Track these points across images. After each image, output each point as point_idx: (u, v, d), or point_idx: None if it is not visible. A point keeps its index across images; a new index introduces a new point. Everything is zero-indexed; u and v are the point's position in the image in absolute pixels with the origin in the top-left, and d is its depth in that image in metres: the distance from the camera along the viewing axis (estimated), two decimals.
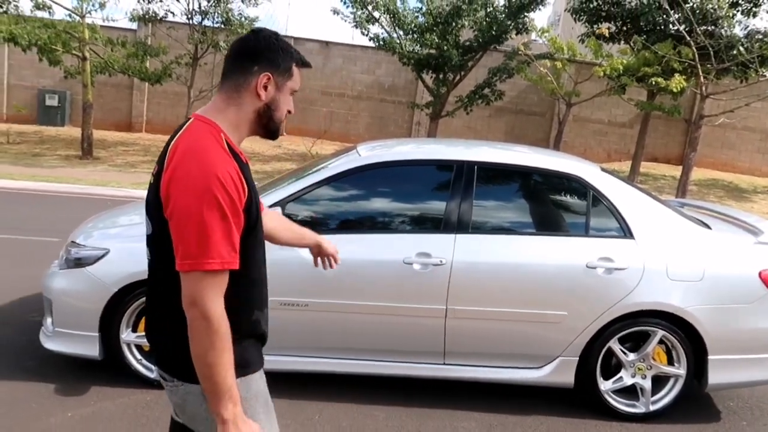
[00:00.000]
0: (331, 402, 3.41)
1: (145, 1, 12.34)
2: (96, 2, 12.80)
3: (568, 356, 3.40)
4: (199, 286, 1.36)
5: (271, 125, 1.55)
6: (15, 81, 16.68)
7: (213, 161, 1.38)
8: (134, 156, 13.80)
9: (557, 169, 3.54)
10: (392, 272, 3.31)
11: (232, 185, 1.38)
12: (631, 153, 15.42)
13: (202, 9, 12.39)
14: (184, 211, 1.36)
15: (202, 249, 1.35)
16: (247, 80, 1.49)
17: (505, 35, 12.68)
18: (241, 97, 1.50)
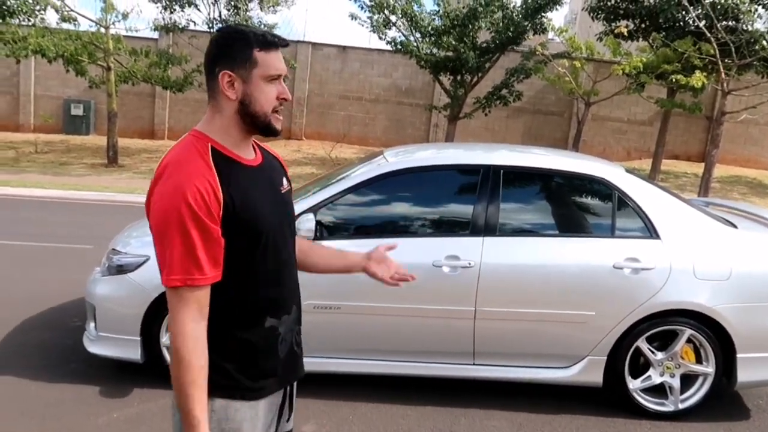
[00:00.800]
0: (364, 402, 3.50)
1: (167, 11, 12.56)
2: (119, 13, 13.10)
3: (596, 356, 3.45)
4: (171, 304, 1.37)
5: (257, 121, 1.48)
6: (41, 92, 17.11)
7: (182, 178, 1.36)
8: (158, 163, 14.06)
9: (582, 171, 3.60)
10: (422, 275, 3.35)
11: (200, 200, 1.35)
12: (651, 151, 15.34)
13: (223, 17, 12.59)
14: (153, 228, 1.40)
15: (165, 265, 1.37)
16: (215, 84, 1.46)
17: (522, 36, 12.72)
18: (218, 102, 1.47)
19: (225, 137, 1.48)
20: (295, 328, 1.67)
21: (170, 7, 12.54)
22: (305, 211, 3.40)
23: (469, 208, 3.50)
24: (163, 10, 12.59)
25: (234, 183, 1.43)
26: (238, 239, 1.43)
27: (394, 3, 12.66)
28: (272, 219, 1.52)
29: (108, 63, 12.95)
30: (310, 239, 3.31)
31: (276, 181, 1.61)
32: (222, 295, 1.44)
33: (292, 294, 1.65)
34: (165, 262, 1.37)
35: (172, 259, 1.36)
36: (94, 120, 17.10)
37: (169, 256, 1.36)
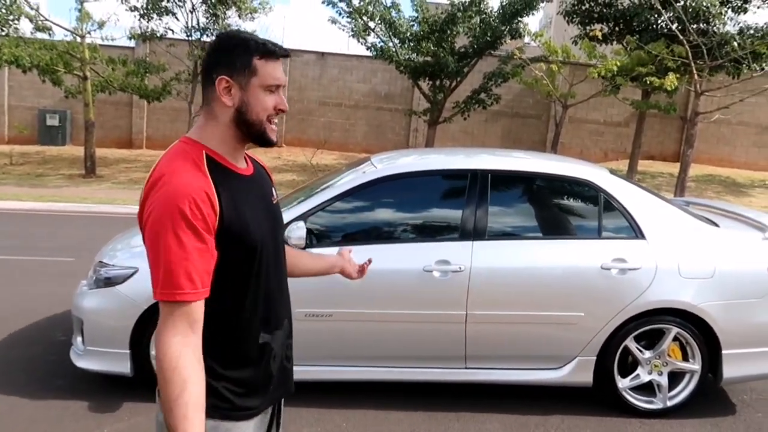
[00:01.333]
0: (357, 409, 3.50)
1: (144, 19, 12.44)
2: (95, 22, 12.94)
3: (586, 356, 3.50)
4: (161, 317, 1.31)
5: (252, 130, 1.44)
6: (15, 102, 16.80)
7: (177, 186, 1.32)
8: (137, 173, 13.89)
9: (568, 174, 3.66)
10: (413, 280, 3.41)
11: (195, 209, 1.31)
12: (628, 152, 15.58)
13: (201, 25, 12.51)
14: (146, 239, 1.34)
15: (157, 278, 1.32)
16: (211, 90, 1.42)
17: (499, 40, 12.85)
18: (213, 109, 1.43)
19: (219, 145, 1.44)
20: (287, 342, 1.63)
21: (147, 16, 12.41)
22: (295, 219, 3.40)
23: (458, 213, 3.53)
24: (141, 18, 12.44)
25: (229, 193, 1.39)
26: (232, 251, 1.39)
27: (373, 9, 12.71)
28: (265, 230, 1.48)
29: (84, 72, 12.78)
30: (301, 247, 3.31)
31: (267, 192, 1.58)
32: (215, 310, 1.39)
33: (285, 307, 1.61)
34: (157, 275, 1.31)
35: (165, 271, 1.30)
36: (70, 130, 16.84)
37: (162, 269, 1.30)
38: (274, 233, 1.54)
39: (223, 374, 1.44)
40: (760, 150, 17.70)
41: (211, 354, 1.40)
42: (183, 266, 1.30)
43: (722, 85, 12.57)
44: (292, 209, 3.54)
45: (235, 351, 1.46)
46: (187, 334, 1.31)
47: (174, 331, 1.29)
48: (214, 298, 1.38)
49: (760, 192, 14.81)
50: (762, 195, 14.49)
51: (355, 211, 3.59)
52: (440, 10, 12.92)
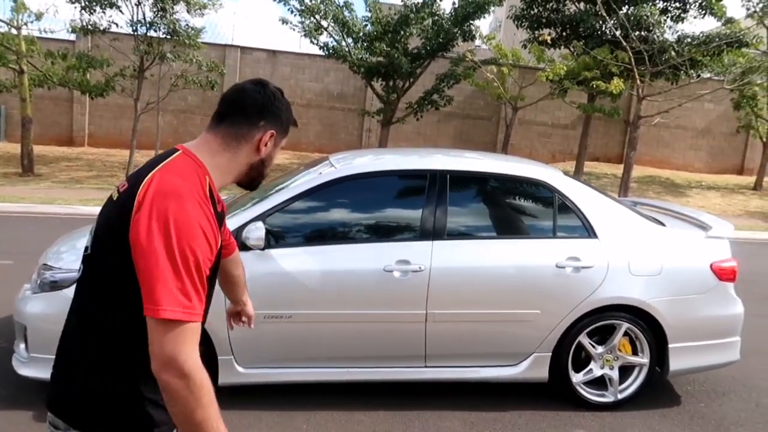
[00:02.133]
0: (318, 410, 3.47)
1: (86, 11, 11.95)
2: (32, 13, 12.34)
3: (541, 352, 3.58)
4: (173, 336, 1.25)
5: (258, 179, 1.54)
6: None
7: (193, 210, 1.30)
8: (78, 171, 13.34)
9: (524, 175, 3.73)
10: (373, 280, 3.40)
11: (205, 239, 1.31)
12: (574, 153, 16.08)
13: (148, 20, 12.12)
14: (158, 250, 1.26)
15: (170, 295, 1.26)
16: (251, 133, 1.45)
17: (451, 42, 13.01)
18: (239, 147, 1.45)
19: (220, 176, 1.45)
20: None
21: (90, 8, 11.91)
22: (253, 219, 3.34)
23: (417, 213, 3.55)
24: (82, 10, 11.93)
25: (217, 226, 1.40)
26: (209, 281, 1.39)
27: (325, 8, 12.63)
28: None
29: (20, 66, 12.16)
30: (260, 248, 3.26)
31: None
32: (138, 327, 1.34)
33: None
34: (169, 291, 1.25)
35: (181, 290, 1.26)
36: (5, 126, 16.00)
37: (178, 286, 1.25)
38: None
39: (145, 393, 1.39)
40: (696, 153, 18.60)
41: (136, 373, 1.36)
42: (197, 288, 1.28)
43: (662, 91, 13.14)
44: (250, 209, 3.47)
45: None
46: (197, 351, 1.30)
47: (191, 349, 1.27)
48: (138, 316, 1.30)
49: (696, 192, 15.55)
50: (698, 195, 15.23)
51: (314, 211, 3.56)
52: (393, 11, 12.98)
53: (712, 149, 18.66)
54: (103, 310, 1.36)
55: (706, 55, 12.74)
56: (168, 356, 1.24)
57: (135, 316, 1.29)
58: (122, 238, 1.30)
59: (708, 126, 18.51)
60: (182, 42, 12.30)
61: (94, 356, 1.38)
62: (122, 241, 1.30)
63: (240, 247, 3.27)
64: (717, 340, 3.74)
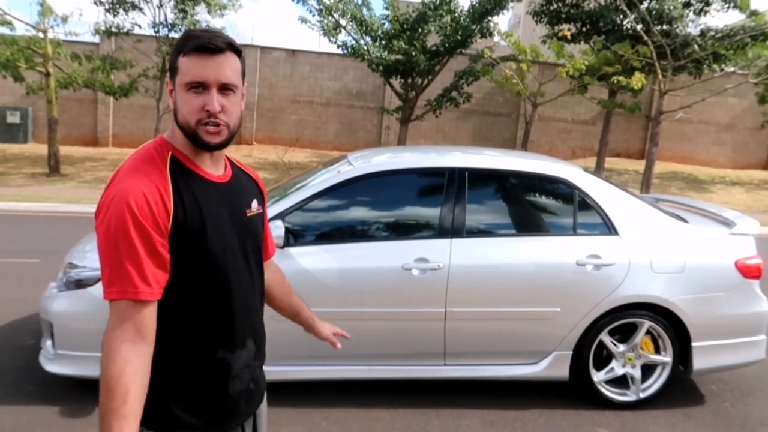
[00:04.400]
0: (337, 408, 3.49)
1: (110, 14, 12.14)
2: (58, 17, 12.57)
3: (562, 351, 3.56)
4: (111, 321, 1.25)
5: (185, 133, 1.35)
6: None
7: (129, 184, 1.28)
8: (103, 171, 13.56)
9: (544, 172, 3.71)
10: (392, 278, 3.41)
11: (145, 208, 1.26)
12: (595, 149, 15.90)
13: (169, 21, 12.28)
14: (98, 237, 1.28)
15: (105, 277, 1.26)
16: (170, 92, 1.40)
17: (470, 39, 12.95)
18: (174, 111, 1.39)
19: (184, 147, 1.39)
20: (254, 364, 1.54)
21: (113, 11, 12.09)
22: (273, 218, 3.37)
23: (436, 211, 3.55)
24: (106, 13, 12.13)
25: (189, 195, 1.34)
26: (186, 256, 1.33)
27: (344, 7, 12.66)
28: (229, 240, 1.41)
29: (47, 68, 12.41)
30: (279, 247, 3.28)
31: (242, 202, 1.49)
32: (166, 318, 1.32)
33: (252, 327, 1.51)
34: (110, 273, 1.25)
35: (113, 269, 1.24)
36: (32, 128, 16.33)
37: (110, 267, 1.25)
38: (240, 244, 1.45)
39: (173, 388, 1.36)
40: (720, 148, 18.26)
41: (162, 365, 1.32)
42: (135, 264, 1.25)
43: (685, 85, 12.92)
44: (269, 208, 3.50)
45: (186, 365, 1.37)
46: (137, 341, 1.24)
47: (124, 336, 1.23)
48: (168, 305, 1.31)
49: (720, 188, 15.27)
50: (722, 191, 14.95)
51: (333, 209, 3.58)
52: (411, 9, 12.95)
53: (736, 144, 18.31)
54: None
55: (729, 48, 12.49)
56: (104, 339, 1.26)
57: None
58: None
59: (732, 121, 18.15)
60: None
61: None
62: None
63: None
64: (742, 339, 3.67)
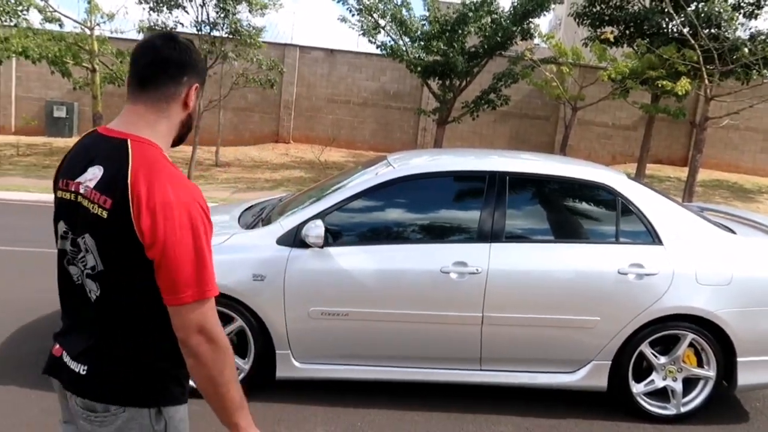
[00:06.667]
0: (372, 409, 3.50)
1: (154, 12, 12.44)
2: (104, 15, 12.93)
3: (601, 360, 3.49)
4: (204, 314, 1.36)
5: (187, 133, 1.53)
6: (23, 93, 16.81)
7: (190, 189, 1.38)
8: None
9: (586, 178, 3.65)
10: (430, 281, 3.41)
11: (206, 211, 1.40)
12: (635, 155, 15.55)
13: (211, 20, 12.50)
14: (177, 245, 1.32)
15: (202, 278, 1.35)
16: (178, 91, 1.45)
17: (510, 41, 12.82)
18: (170, 108, 1.45)
19: (164, 144, 1.46)
20: None
21: (157, 9, 12.39)
22: (313, 217, 3.40)
23: (475, 215, 3.53)
24: (150, 11, 12.43)
25: None
26: None
27: (384, 7, 12.69)
28: None
29: (93, 65, 12.78)
30: (320, 246, 3.31)
31: None
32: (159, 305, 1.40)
33: None
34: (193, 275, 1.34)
35: (205, 269, 1.36)
36: (77, 122, 16.83)
37: (200, 268, 1.35)
38: None
39: (180, 362, 1.45)
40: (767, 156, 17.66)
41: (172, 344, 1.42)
42: (212, 265, 1.39)
43: (732, 91, 12.53)
44: (309, 207, 3.54)
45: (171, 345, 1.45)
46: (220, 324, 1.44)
47: (218, 322, 1.40)
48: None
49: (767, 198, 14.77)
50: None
51: (372, 210, 3.59)
52: (452, 10, 12.89)
53: None
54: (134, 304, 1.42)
55: None
56: (201, 325, 1.36)
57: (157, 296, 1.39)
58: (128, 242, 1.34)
59: None
60: (243, 41, 12.62)
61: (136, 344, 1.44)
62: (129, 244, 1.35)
63: (298, 245, 3.37)
64: None
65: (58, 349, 1.52)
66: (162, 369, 1.46)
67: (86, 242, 1.40)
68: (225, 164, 14.58)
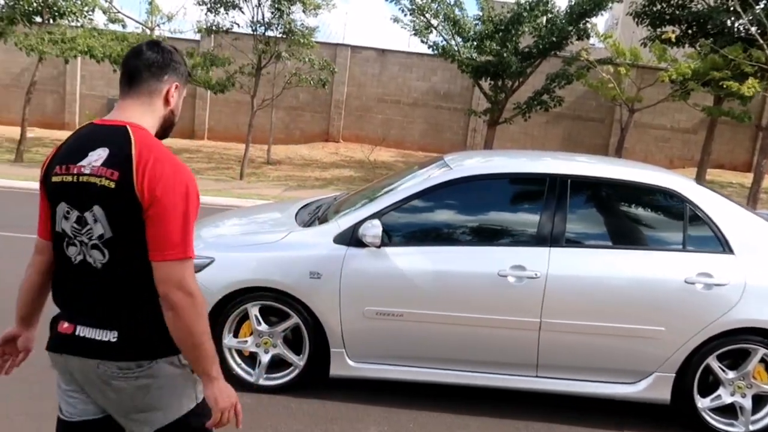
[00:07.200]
0: (424, 411, 3.47)
1: (211, 12, 12.74)
2: (164, 15, 13.34)
3: (664, 372, 3.36)
4: (184, 272, 1.54)
5: (169, 129, 1.75)
6: (86, 91, 17.55)
7: (183, 165, 1.60)
8: (198, 163, 14.27)
9: (652, 183, 3.52)
10: (486, 284, 3.35)
11: (197, 190, 1.61)
12: (694, 159, 14.98)
13: (266, 20, 12.72)
14: (170, 209, 1.53)
15: (186, 240, 1.54)
16: (160, 87, 1.68)
17: (565, 41, 12.55)
18: (153, 103, 1.67)
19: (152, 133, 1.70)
20: None
21: (215, 10, 12.69)
22: (370, 217, 3.39)
23: (534, 218, 3.45)
24: (208, 12, 12.75)
25: None
26: None
27: (437, 7, 12.62)
28: None
29: None
30: (377, 246, 3.31)
31: None
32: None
33: None
34: (181, 237, 1.53)
35: (189, 234, 1.56)
36: None
37: (186, 232, 1.55)
38: None
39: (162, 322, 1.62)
40: None
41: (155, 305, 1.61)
42: (193, 232, 1.59)
43: None
44: (366, 206, 3.54)
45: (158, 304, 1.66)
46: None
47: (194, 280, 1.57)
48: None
49: None
50: None
51: (430, 211, 3.56)
52: (506, 9, 12.71)
53: None
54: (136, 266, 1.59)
55: None
56: (180, 281, 1.53)
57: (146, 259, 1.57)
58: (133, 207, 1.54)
59: None
60: (297, 41, 12.79)
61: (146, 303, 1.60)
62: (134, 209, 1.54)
63: (355, 244, 3.37)
64: None
65: (67, 327, 1.62)
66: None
67: (95, 213, 1.57)
68: (276, 162, 14.82)
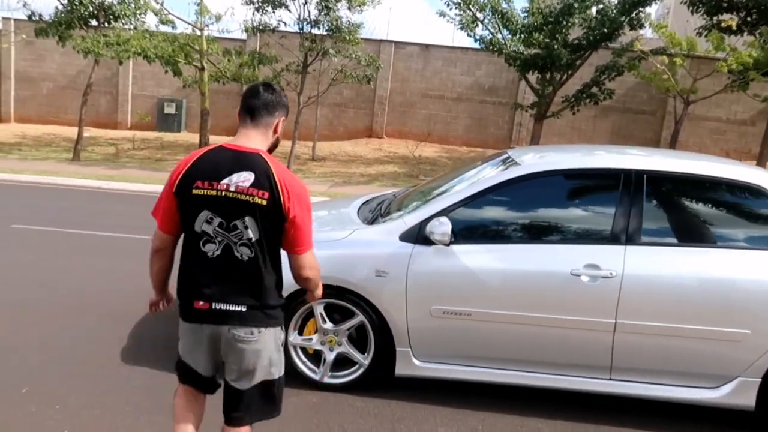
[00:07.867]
0: (493, 413, 3.40)
1: (258, 12, 12.87)
2: (213, 16, 13.54)
3: (748, 377, 3.19)
4: (313, 257, 2.25)
5: (273, 149, 2.26)
6: (138, 91, 18.02)
7: (301, 181, 2.19)
8: None
9: (735, 178, 3.34)
10: (559, 284, 3.25)
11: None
12: (752, 153, 14.37)
13: (313, 18, 12.77)
14: (306, 218, 2.15)
15: (311, 237, 2.21)
16: (272, 121, 2.20)
17: (617, 32, 12.19)
18: (268, 132, 2.20)
19: None
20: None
21: (262, 9, 12.82)
22: (437, 214, 3.33)
23: (609, 215, 3.32)
24: (255, 11, 12.88)
25: None
26: None
27: (483, 0, 12.43)
28: None
29: (202, 63, 13.43)
30: (446, 244, 3.24)
31: None
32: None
33: None
34: (309, 237, 2.20)
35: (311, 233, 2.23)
36: (184, 118, 17.83)
37: (311, 233, 2.22)
38: None
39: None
40: None
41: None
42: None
43: None
44: (432, 204, 3.48)
45: None
46: None
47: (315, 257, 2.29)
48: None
49: None
50: None
51: (498, 207, 3.47)
52: (555, 1, 12.42)
53: None
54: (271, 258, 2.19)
55: None
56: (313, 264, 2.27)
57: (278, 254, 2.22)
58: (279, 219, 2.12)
59: None
60: (342, 38, 12.79)
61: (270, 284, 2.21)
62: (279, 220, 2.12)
63: (421, 241, 3.31)
64: None
65: (203, 304, 2.16)
66: (282, 305, 2.27)
67: (246, 222, 2.09)
68: (321, 158, 14.89)
